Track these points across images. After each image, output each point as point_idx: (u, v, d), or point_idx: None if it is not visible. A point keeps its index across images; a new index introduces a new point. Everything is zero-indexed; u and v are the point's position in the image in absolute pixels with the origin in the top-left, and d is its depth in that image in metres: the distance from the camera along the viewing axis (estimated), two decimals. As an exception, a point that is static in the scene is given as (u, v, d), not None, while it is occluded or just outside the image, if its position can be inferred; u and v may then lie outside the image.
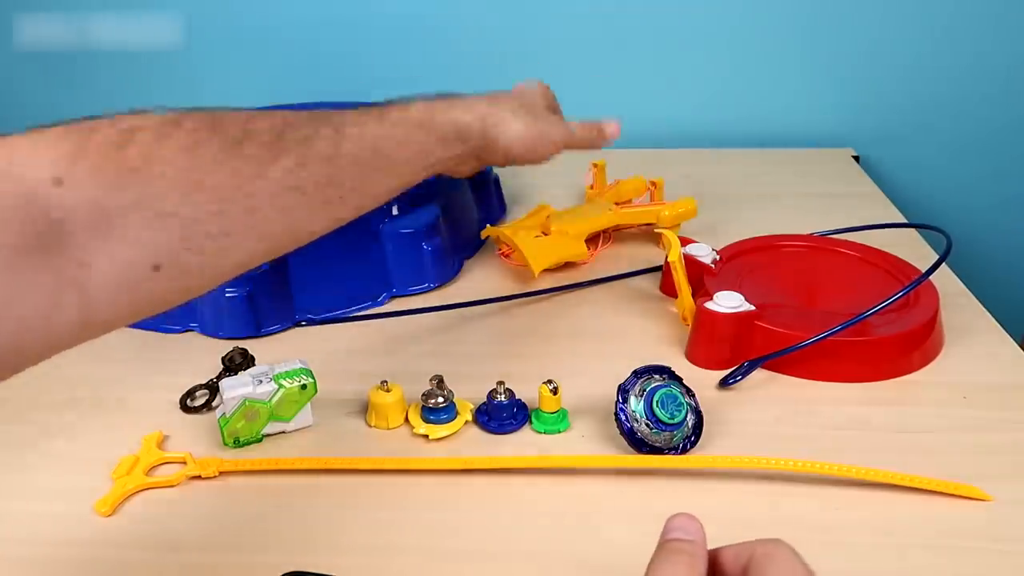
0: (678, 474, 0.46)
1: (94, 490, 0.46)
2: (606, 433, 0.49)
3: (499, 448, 0.49)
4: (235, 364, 0.55)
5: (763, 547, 0.29)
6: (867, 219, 0.73)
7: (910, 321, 0.55)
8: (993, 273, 1.03)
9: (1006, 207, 1.01)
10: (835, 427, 0.50)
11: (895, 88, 0.96)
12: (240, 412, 0.48)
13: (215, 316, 0.61)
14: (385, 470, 0.47)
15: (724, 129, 1.01)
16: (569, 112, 0.63)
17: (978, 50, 0.93)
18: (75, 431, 0.52)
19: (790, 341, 0.53)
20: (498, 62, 0.99)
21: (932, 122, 0.98)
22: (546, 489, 0.46)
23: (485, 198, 0.78)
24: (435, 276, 0.67)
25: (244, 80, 1.03)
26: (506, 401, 0.50)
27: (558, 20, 0.96)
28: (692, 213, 0.73)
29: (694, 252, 0.63)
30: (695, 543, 0.30)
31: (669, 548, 0.30)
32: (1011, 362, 0.55)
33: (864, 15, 0.93)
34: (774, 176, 0.90)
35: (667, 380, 0.48)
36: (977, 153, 0.99)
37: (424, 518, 0.44)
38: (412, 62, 1.01)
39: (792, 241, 0.68)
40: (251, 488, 0.46)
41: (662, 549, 0.30)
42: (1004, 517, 0.42)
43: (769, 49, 0.96)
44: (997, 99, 0.95)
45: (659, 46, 0.97)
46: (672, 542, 0.30)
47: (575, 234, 0.70)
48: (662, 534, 0.31)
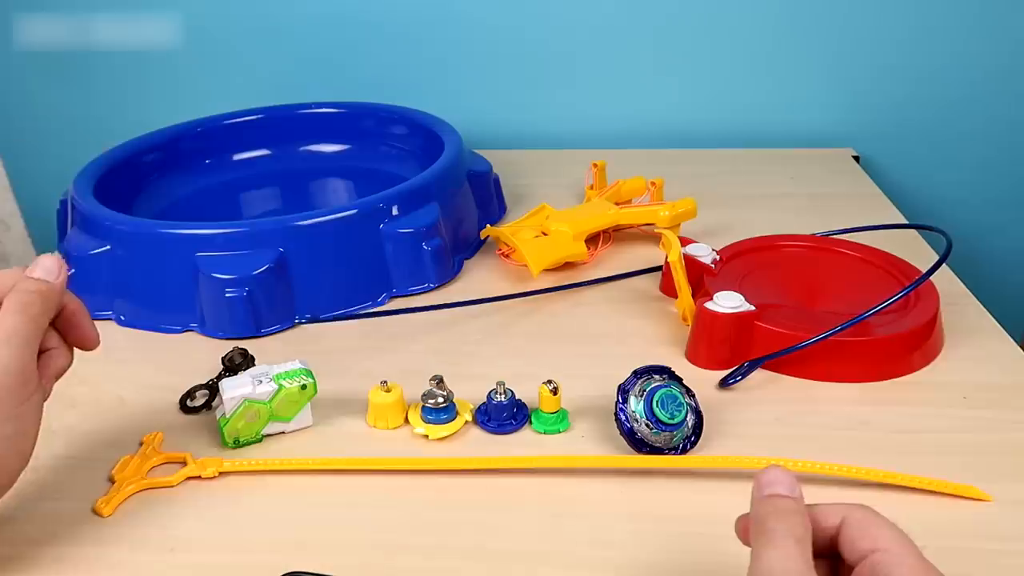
0: (678, 474, 0.46)
1: (94, 490, 0.46)
2: (606, 433, 0.49)
3: (499, 448, 0.49)
4: (235, 364, 0.55)
5: (850, 510, 0.28)
6: (867, 219, 0.73)
7: (910, 321, 0.55)
8: (993, 273, 1.04)
9: (1006, 207, 1.01)
10: (835, 427, 0.50)
11: (895, 88, 0.96)
12: (240, 412, 0.48)
13: (215, 316, 0.61)
14: (385, 470, 0.47)
15: (724, 129, 1.01)
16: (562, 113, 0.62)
17: (979, 50, 0.93)
18: (75, 431, 0.52)
19: (790, 341, 0.53)
20: (498, 62, 0.99)
21: (933, 122, 0.98)
22: (546, 489, 0.46)
23: (485, 198, 0.78)
24: (435, 276, 0.67)
25: (244, 80, 1.03)
26: (506, 401, 0.50)
27: (558, 20, 0.96)
28: (692, 213, 0.73)
29: (694, 252, 0.63)
30: (799, 500, 0.29)
31: (777, 507, 0.28)
32: (1011, 362, 0.55)
33: (864, 15, 0.93)
34: (774, 176, 0.90)
35: (667, 380, 0.48)
36: (978, 153, 0.99)
37: (424, 518, 0.44)
38: (413, 62, 1.01)
39: (792, 241, 0.68)
40: (251, 488, 0.46)
41: (769, 506, 0.29)
42: (1004, 517, 0.42)
43: (769, 49, 0.96)
44: (998, 99, 0.95)
45: (659, 46, 0.97)
46: (778, 499, 0.29)
47: (575, 234, 0.70)
48: (758, 488, 0.29)
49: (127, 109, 1.06)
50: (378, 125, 0.87)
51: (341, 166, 0.87)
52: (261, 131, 0.86)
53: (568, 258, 0.69)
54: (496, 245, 0.73)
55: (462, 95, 1.01)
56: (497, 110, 1.02)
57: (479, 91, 1.01)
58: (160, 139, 0.80)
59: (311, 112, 0.87)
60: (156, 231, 0.62)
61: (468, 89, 1.01)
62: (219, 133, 0.84)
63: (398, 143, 0.86)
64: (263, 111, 0.87)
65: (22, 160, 1.11)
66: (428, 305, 0.63)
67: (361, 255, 0.64)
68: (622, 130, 1.02)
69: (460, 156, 0.74)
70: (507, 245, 0.70)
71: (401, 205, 0.66)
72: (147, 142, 0.79)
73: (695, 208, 0.73)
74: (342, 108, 0.87)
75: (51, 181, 0.80)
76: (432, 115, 0.83)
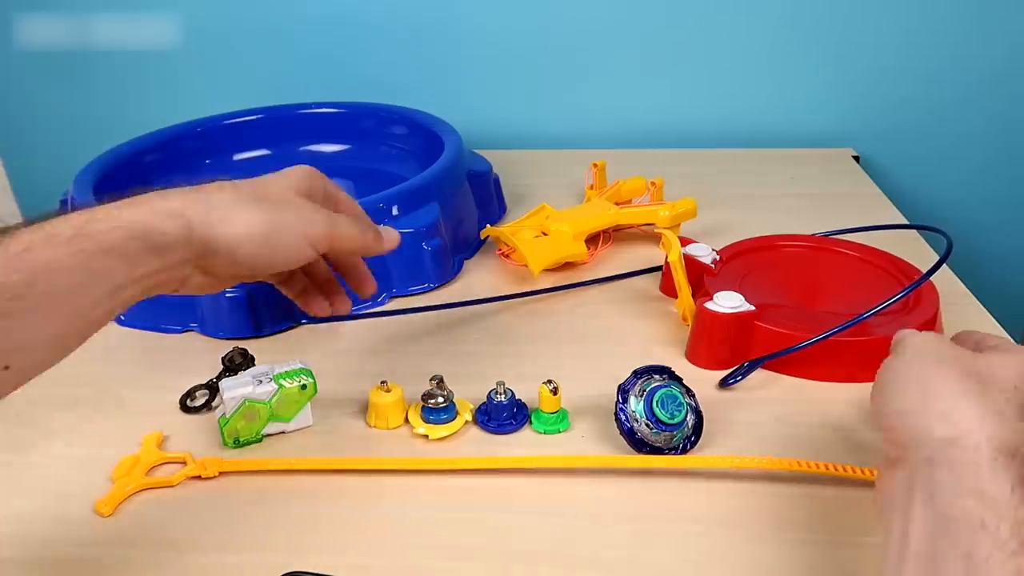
0: (678, 474, 0.46)
1: (94, 490, 0.46)
2: (606, 433, 0.49)
3: (499, 448, 0.49)
4: (235, 364, 0.55)
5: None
6: (867, 219, 0.73)
7: (910, 321, 0.55)
8: (993, 273, 1.04)
9: (1007, 207, 1.01)
10: (835, 427, 0.50)
11: (895, 88, 0.96)
12: (240, 412, 0.48)
13: (215, 316, 0.61)
14: (385, 470, 0.47)
15: (724, 129, 1.01)
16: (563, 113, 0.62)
17: (979, 50, 0.93)
18: (75, 431, 0.52)
19: (790, 341, 0.53)
20: (498, 62, 0.99)
21: (932, 122, 0.98)
22: (546, 489, 0.46)
23: (485, 198, 0.78)
24: (435, 276, 0.67)
25: (244, 80, 1.03)
26: (506, 401, 0.50)
27: (558, 20, 0.96)
28: (692, 213, 0.73)
29: (694, 252, 0.63)
30: None
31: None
32: (1011, 362, 0.55)
33: (865, 16, 0.93)
34: (774, 176, 0.90)
35: (667, 380, 0.48)
36: (978, 153, 0.99)
37: (424, 518, 0.44)
38: (413, 62, 1.01)
39: (792, 241, 0.68)
40: (251, 488, 0.46)
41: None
42: (1004, 517, 0.42)
43: (769, 49, 0.96)
44: (998, 99, 0.95)
45: (659, 46, 0.97)
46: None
47: (575, 234, 0.70)
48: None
49: (127, 109, 1.06)
50: (378, 125, 0.86)
51: (341, 166, 0.87)
52: (261, 131, 0.86)
53: (568, 258, 0.69)
54: (496, 245, 0.73)
55: (462, 95, 1.01)
56: (497, 110, 1.02)
57: (479, 91, 1.01)
58: (160, 139, 0.80)
59: (311, 112, 0.87)
60: (156, 231, 0.62)
61: (468, 89, 1.01)
62: (219, 133, 0.84)
63: (398, 143, 0.86)
64: (263, 111, 0.87)
65: (22, 160, 1.11)
66: (428, 305, 0.63)
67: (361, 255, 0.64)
68: (622, 130, 1.02)
69: (460, 156, 0.74)
70: (507, 245, 0.70)
71: (401, 205, 0.66)
72: (147, 142, 0.79)
73: (695, 208, 0.73)
74: (342, 108, 0.87)
75: (51, 181, 0.80)
76: (432, 115, 0.83)
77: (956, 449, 0.30)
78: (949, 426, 0.31)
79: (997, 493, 0.29)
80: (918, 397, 0.33)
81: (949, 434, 0.31)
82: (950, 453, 0.31)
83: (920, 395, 0.33)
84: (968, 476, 0.30)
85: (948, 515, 0.29)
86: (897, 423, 0.33)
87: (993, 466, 0.30)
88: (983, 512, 0.29)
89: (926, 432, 0.32)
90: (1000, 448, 0.30)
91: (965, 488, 0.29)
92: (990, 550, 0.28)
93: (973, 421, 0.31)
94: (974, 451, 0.30)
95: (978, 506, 0.29)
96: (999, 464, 0.30)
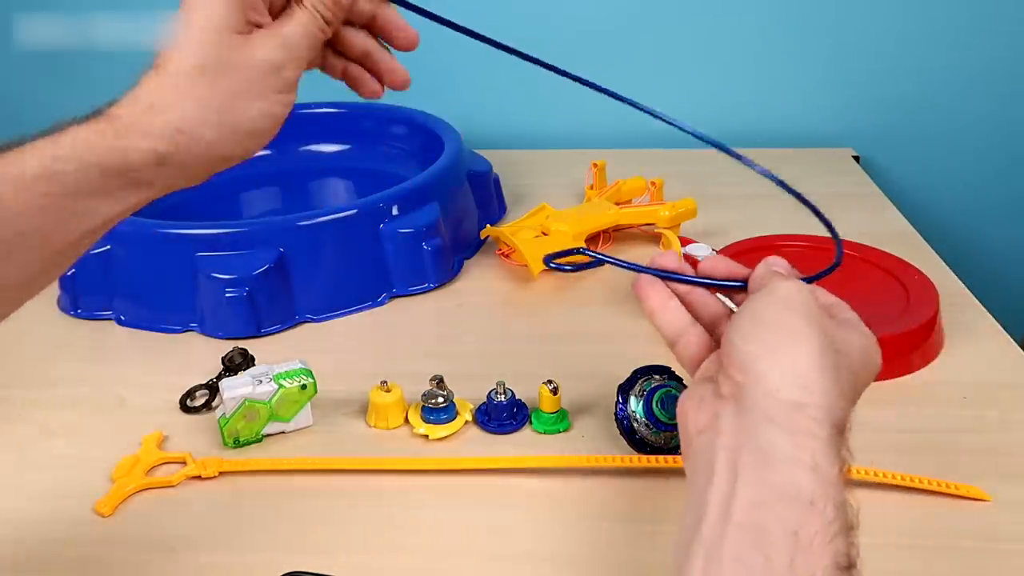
0: (678, 474, 0.46)
1: (94, 490, 0.46)
2: (606, 433, 0.49)
3: (499, 448, 0.49)
4: (235, 364, 0.55)
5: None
6: (867, 219, 0.73)
7: (910, 321, 0.55)
8: (993, 273, 1.04)
9: (1006, 207, 1.01)
10: (835, 427, 0.49)
11: (895, 88, 0.96)
12: (240, 412, 0.48)
13: (215, 316, 0.61)
14: (385, 470, 0.47)
15: (724, 129, 1.00)
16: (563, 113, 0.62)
17: (979, 50, 0.93)
18: (75, 431, 0.52)
19: (790, 341, 0.53)
20: (498, 62, 0.99)
21: (932, 122, 0.98)
22: (546, 489, 0.46)
23: (485, 198, 0.78)
24: (435, 276, 0.67)
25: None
26: (506, 401, 0.50)
27: (559, 20, 0.96)
28: (692, 213, 0.73)
29: (694, 252, 0.63)
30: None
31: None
32: (1011, 362, 0.55)
33: (865, 15, 0.93)
34: (774, 176, 0.90)
35: (667, 380, 0.48)
36: (977, 153, 0.99)
37: (424, 518, 0.44)
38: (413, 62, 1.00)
39: (792, 241, 0.68)
40: (251, 488, 0.46)
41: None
42: (1004, 517, 0.42)
43: (769, 49, 0.96)
44: (998, 99, 0.95)
45: (659, 47, 0.97)
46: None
47: (575, 234, 0.70)
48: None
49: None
50: (378, 125, 0.86)
51: (341, 166, 0.87)
52: (261, 131, 0.86)
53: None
54: (496, 245, 0.73)
55: (462, 95, 1.01)
56: (497, 110, 1.02)
57: (479, 91, 1.01)
58: (160, 139, 0.80)
59: (311, 112, 0.87)
60: (156, 231, 0.62)
61: (468, 89, 1.01)
62: (219, 133, 0.84)
63: (398, 143, 0.86)
64: (263, 111, 0.86)
65: (22, 160, 1.10)
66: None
67: (361, 255, 0.64)
68: (622, 130, 1.02)
69: (460, 156, 0.74)
70: (507, 245, 0.70)
71: (401, 205, 0.66)
72: (147, 142, 0.79)
73: (695, 208, 0.73)
74: (342, 108, 0.87)
75: (51, 181, 0.80)
76: (432, 115, 0.83)
77: (802, 417, 0.29)
78: (802, 392, 0.30)
79: (828, 470, 0.28)
80: (776, 346, 0.31)
81: (799, 399, 0.30)
82: (795, 420, 0.29)
83: (778, 346, 0.31)
84: (806, 448, 0.29)
85: (779, 487, 0.28)
86: (747, 362, 0.31)
87: (829, 442, 0.29)
88: (814, 488, 0.28)
89: (774, 386, 0.30)
90: (836, 425, 0.30)
91: (801, 461, 0.28)
92: (816, 530, 0.27)
93: (823, 396, 0.30)
94: (817, 424, 0.29)
95: (810, 482, 0.28)
96: (833, 441, 0.29)
